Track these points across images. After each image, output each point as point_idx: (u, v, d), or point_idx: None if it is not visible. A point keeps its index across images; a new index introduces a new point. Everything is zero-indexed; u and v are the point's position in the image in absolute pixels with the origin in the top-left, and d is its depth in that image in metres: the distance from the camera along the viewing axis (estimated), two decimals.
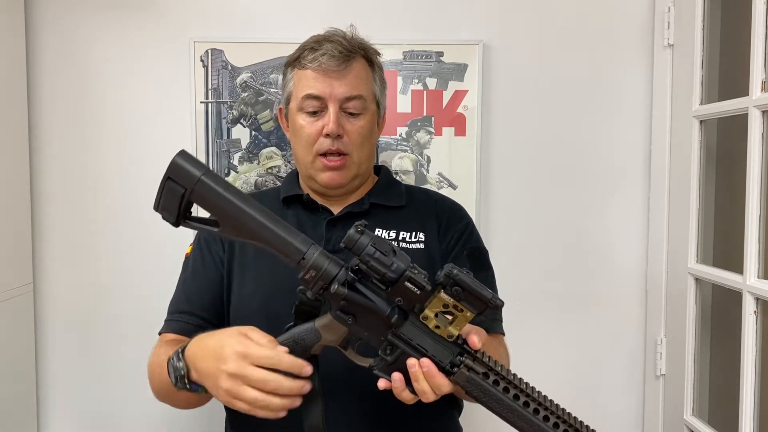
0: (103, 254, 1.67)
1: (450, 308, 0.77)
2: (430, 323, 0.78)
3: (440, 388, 0.78)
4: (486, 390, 0.78)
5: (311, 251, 0.79)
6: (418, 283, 0.76)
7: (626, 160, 1.68)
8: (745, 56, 1.30)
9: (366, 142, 1.07)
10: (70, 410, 1.71)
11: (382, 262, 0.76)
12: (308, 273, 0.79)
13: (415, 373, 0.78)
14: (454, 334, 0.78)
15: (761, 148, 1.28)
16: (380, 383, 0.80)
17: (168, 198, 0.81)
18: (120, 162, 1.66)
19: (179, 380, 0.85)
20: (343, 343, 0.83)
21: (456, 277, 0.75)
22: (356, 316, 0.80)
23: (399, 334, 0.79)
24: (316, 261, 0.79)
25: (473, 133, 1.64)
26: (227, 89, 1.63)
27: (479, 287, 0.75)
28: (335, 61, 1.03)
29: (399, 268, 0.76)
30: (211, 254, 1.08)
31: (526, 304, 1.68)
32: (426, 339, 0.79)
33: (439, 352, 0.79)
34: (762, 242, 1.30)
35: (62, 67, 1.64)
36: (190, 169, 0.80)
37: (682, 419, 1.55)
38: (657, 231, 1.64)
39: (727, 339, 1.55)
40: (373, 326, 0.80)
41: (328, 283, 0.79)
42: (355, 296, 0.79)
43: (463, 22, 1.65)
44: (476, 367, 0.78)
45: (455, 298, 0.76)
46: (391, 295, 0.78)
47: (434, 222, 1.11)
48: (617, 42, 1.66)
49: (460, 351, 0.79)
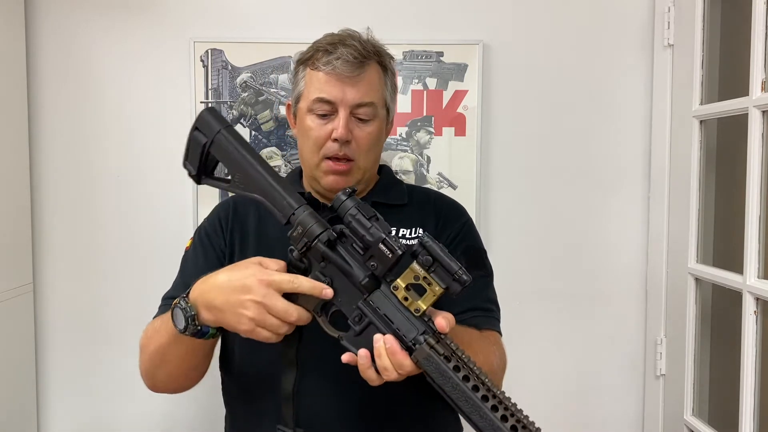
0: (103, 254, 1.67)
1: (420, 281, 0.78)
2: (399, 293, 0.79)
3: (402, 367, 0.78)
4: (444, 372, 0.75)
5: (301, 209, 0.85)
6: (390, 246, 0.78)
7: (626, 160, 1.68)
8: (745, 56, 1.30)
9: (373, 148, 1.07)
10: (69, 410, 1.71)
11: (362, 223, 0.80)
12: (296, 230, 0.84)
13: (378, 348, 0.78)
14: (422, 308, 0.78)
15: (761, 148, 1.28)
16: (344, 357, 0.81)
17: (193, 148, 0.92)
18: (120, 162, 1.66)
19: (190, 321, 0.86)
20: (317, 309, 0.84)
21: (426, 243, 0.77)
22: (333, 280, 0.83)
23: (369, 302, 0.80)
24: (303, 218, 0.84)
25: (473, 133, 1.64)
26: (227, 89, 1.63)
27: (448, 257, 0.76)
28: (349, 66, 1.01)
29: (376, 232, 0.79)
30: (212, 246, 1.09)
31: (525, 304, 1.68)
32: (395, 312, 0.79)
33: (405, 327, 0.79)
34: (762, 242, 1.30)
35: (62, 68, 1.64)
36: (213, 122, 0.91)
37: (682, 419, 1.55)
38: (657, 231, 1.64)
39: (727, 339, 1.55)
40: (347, 292, 0.82)
41: (311, 241, 0.82)
42: (333, 256, 0.82)
43: (463, 22, 1.65)
44: (438, 348, 0.77)
45: (425, 268, 0.77)
46: (367, 260, 0.80)
47: (432, 219, 1.11)
48: (617, 42, 1.66)
49: (426, 329, 0.79)
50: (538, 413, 0.83)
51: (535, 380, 1.69)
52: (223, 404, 1.12)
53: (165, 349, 0.94)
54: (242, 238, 1.08)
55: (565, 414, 1.71)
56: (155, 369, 0.99)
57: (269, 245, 1.06)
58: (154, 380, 1.02)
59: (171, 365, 0.97)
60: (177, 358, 0.95)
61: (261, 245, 1.07)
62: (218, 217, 1.11)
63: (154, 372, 1.00)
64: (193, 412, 1.68)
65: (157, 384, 1.02)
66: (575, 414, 1.72)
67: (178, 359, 0.96)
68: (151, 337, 0.98)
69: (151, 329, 0.99)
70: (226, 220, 1.10)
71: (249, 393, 1.04)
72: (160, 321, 0.96)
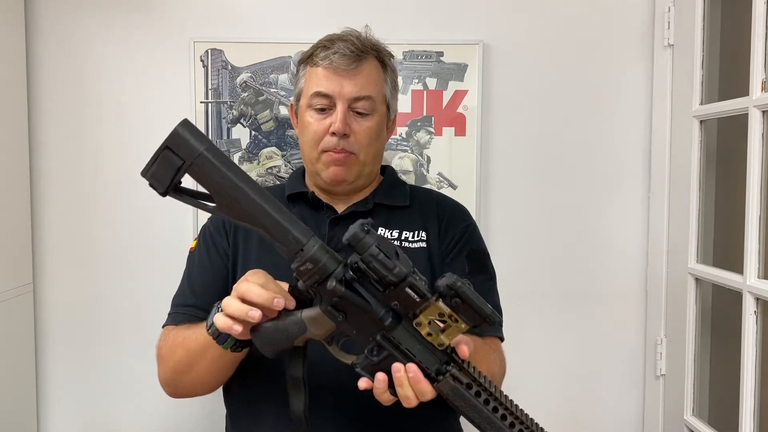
0: (102, 254, 1.67)
1: (445, 317, 0.75)
2: (423, 330, 0.76)
3: (424, 395, 0.78)
4: (468, 401, 0.77)
5: (311, 243, 0.76)
6: (419, 291, 0.74)
7: (626, 160, 1.68)
8: (745, 56, 1.30)
9: (373, 143, 1.07)
10: (70, 410, 1.71)
11: (385, 264, 0.73)
12: (304, 265, 0.76)
13: (399, 378, 0.77)
14: (446, 344, 0.77)
15: (761, 148, 1.28)
16: (361, 383, 0.79)
17: (161, 167, 0.75)
18: (120, 162, 1.66)
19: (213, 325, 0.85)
20: (329, 339, 0.82)
21: (459, 289, 0.73)
22: (347, 314, 0.78)
23: (389, 337, 0.78)
24: (314, 254, 0.76)
25: (473, 133, 1.64)
26: (227, 89, 1.63)
27: (481, 303, 0.73)
28: (346, 59, 1.02)
29: (401, 272, 0.73)
30: (216, 248, 1.08)
31: (525, 305, 1.68)
32: (415, 344, 0.78)
33: (426, 359, 0.78)
34: (762, 242, 1.30)
35: (62, 67, 1.64)
36: (192, 141, 0.74)
37: (682, 419, 1.55)
38: (657, 231, 1.64)
39: (727, 339, 1.55)
40: (363, 326, 0.79)
41: (324, 279, 0.76)
42: (350, 295, 0.77)
43: (463, 22, 1.65)
44: (461, 377, 0.77)
45: (453, 309, 0.74)
46: (389, 298, 0.76)
47: (435, 221, 1.11)
48: (617, 42, 1.66)
49: (448, 359, 0.78)
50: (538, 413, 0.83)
51: (535, 380, 1.69)
52: (223, 404, 1.12)
53: (193, 357, 0.93)
54: (246, 238, 1.08)
55: (565, 414, 1.71)
56: (180, 376, 0.98)
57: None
58: (176, 388, 1.02)
59: (196, 373, 0.96)
60: (203, 368, 0.95)
61: (264, 246, 1.07)
62: (222, 219, 1.11)
63: (179, 379, 0.99)
64: (195, 413, 1.68)
65: (180, 391, 1.02)
66: (575, 414, 1.72)
67: (204, 368, 0.95)
68: (176, 346, 0.97)
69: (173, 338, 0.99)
70: (230, 221, 1.10)
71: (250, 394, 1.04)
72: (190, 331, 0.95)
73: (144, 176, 0.77)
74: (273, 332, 0.81)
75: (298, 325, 0.80)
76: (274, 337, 0.81)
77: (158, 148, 0.75)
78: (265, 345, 0.82)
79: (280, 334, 0.81)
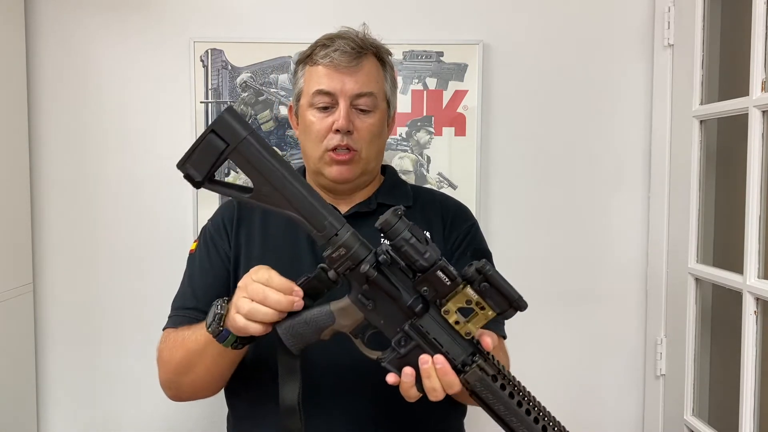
0: (102, 254, 1.67)
1: (473, 305, 0.76)
2: (451, 318, 0.77)
3: (451, 387, 0.78)
4: (495, 392, 0.77)
5: (344, 230, 0.78)
6: (450, 273, 0.75)
7: (626, 160, 1.68)
8: (745, 56, 1.30)
9: (375, 140, 1.07)
10: (70, 410, 1.70)
11: (417, 248, 0.75)
12: (337, 251, 0.78)
13: (427, 369, 0.77)
14: (473, 332, 0.77)
15: (761, 148, 1.28)
16: (389, 378, 0.79)
17: (203, 153, 0.78)
18: (120, 162, 1.66)
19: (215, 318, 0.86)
20: (355, 331, 0.82)
21: (488, 273, 0.75)
22: (376, 303, 0.79)
23: (417, 326, 0.78)
24: (348, 240, 0.78)
25: (473, 133, 1.64)
26: (227, 89, 1.63)
27: (509, 286, 0.75)
28: (347, 57, 1.02)
29: (432, 256, 0.75)
30: (217, 250, 1.08)
31: None
32: (443, 334, 0.78)
33: (453, 349, 0.78)
34: (762, 242, 1.30)
35: (62, 68, 1.64)
36: (237, 126, 0.78)
37: (682, 419, 1.55)
38: (657, 231, 1.64)
39: (727, 339, 1.55)
40: (391, 315, 0.79)
41: (356, 264, 0.78)
42: (381, 280, 0.78)
43: (463, 22, 1.65)
44: (487, 369, 0.77)
45: (481, 295, 0.75)
46: (419, 284, 0.77)
47: (439, 221, 1.11)
48: (617, 42, 1.66)
49: (473, 351, 0.79)
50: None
51: (535, 380, 1.67)
52: (224, 405, 1.12)
53: (192, 357, 0.93)
54: (248, 238, 1.08)
55: (564, 414, 1.69)
56: (180, 377, 0.98)
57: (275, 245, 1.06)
58: (178, 390, 1.02)
59: (196, 374, 0.96)
60: (203, 368, 0.95)
61: (267, 244, 1.07)
62: (222, 220, 1.10)
63: (180, 381, 0.99)
64: (195, 413, 1.68)
65: (181, 394, 1.02)
66: (575, 414, 1.71)
67: (204, 368, 0.95)
68: (175, 347, 0.97)
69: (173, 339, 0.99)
70: (230, 222, 1.09)
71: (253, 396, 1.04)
72: (190, 331, 0.95)
73: (180, 167, 0.80)
74: (302, 325, 0.81)
75: (327, 316, 0.81)
76: (303, 330, 0.81)
77: (201, 135, 0.79)
78: (292, 339, 0.82)
79: (308, 327, 0.81)
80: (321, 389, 0.98)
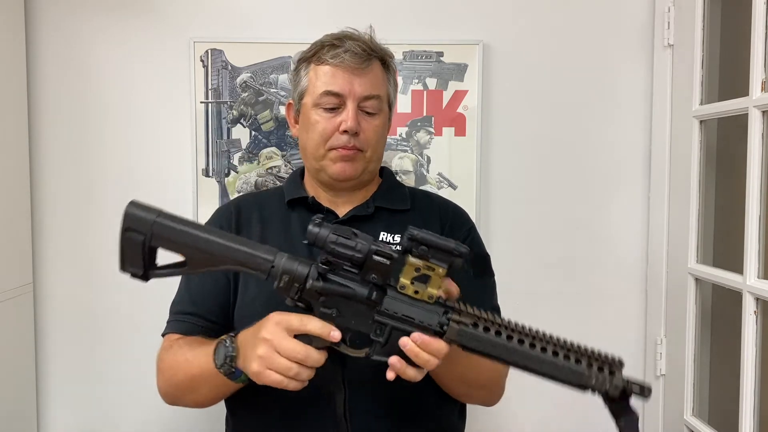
0: (103, 254, 1.67)
1: (422, 270, 0.78)
2: (409, 290, 0.79)
3: (440, 352, 0.79)
4: (479, 338, 0.78)
5: (278, 258, 0.81)
6: (385, 254, 0.78)
7: (626, 160, 1.68)
8: (745, 56, 1.30)
9: (380, 141, 1.08)
10: (69, 410, 1.70)
11: (347, 245, 0.78)
12: (281, 280, 0.80)
13: (411, 349, 0.79)
14: (435, 294, 0.79)
15: (761, 148, 1.28)
16: (389, 374, 0.81)
17: (131, 251, 0.82)
18: (120, 162, 1.66)
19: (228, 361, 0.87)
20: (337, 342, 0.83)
21: (417, 236, 0.77)
22: (339, 308, 0.81)
23: (383, 311, 0.80)
24: (285, 265, 0.80)
25: (473, 133, 1.64)
26: (227, 89, 1.63)
27: (441, 239, 0.77)
28: (357, 58, 1.02)
29: (363, 246, 0.78)
30: None
31: (525, 304, 1.67)
32: (410, 308, 0.80)
33: (425, 317, 0.80)
34: (762, 242, 1.30)
35: (62, 68, 1.64)
36: (143, 214, 0.82)
37: (682, 419, 1.55)
38: (657, 231, 1.64)
39: (727, 339, 1.55)
40: (358, 313, 0.81)
41: (302, 283, 0.80)
42: (331, 287, 0.80)
43: (463, 22, 1.65)
44: (464, 319, 0.79)
45: (423, 259, 0.78)
46: (365, 274, 0.79)
47: (437, 225, 1.11)
48: (617, 42, 1.66)
49: (445, 309, 0.80)
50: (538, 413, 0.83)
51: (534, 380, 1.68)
52: (222, 405, 1.11)
53: (197, 381, 0.94)
54: None
55: (564, 414, 1.71)
56: (182, 394, 1.00)
57: None
58: (177, 401, 1.03)
59: (199, 395, 0.98)
60: (207, 391, 0.96)
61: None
62: (220, 225, 1.10)
63: (180, 396, 1.01)
64: (194, 413, 1.67)
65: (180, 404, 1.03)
66: (575, 414, 1.71)
67: (207, 391, 0.96)
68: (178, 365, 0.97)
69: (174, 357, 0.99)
70: (229, 226, 1.09)
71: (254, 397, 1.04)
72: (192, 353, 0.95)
73: (122, 270, 0.83)
74: None
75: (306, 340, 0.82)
76: None
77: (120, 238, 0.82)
78: None
79: None
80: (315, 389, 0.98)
